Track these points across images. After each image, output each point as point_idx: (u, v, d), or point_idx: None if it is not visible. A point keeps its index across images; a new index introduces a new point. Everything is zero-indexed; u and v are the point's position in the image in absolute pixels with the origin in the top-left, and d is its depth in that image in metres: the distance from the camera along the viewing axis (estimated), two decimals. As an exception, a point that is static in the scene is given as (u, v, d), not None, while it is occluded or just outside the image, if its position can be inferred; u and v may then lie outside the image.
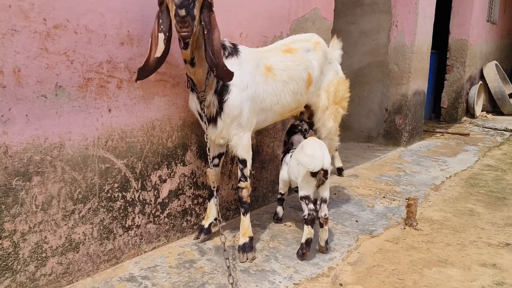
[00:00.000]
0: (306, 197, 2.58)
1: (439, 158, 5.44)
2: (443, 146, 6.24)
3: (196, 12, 2.07)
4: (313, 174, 2.53)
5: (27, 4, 1.85)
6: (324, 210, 2.65)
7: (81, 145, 2.12)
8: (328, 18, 3.81)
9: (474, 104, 8.43)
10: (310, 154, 2.50)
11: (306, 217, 2.57)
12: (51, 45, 1.95)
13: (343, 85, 3.21)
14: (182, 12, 1.97)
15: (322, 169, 2.52)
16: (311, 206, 2.57)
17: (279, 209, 3.15)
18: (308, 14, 3.57)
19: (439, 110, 8.51)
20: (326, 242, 2.70)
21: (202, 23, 2.16)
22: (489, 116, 8.96)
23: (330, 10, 3.82)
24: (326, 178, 2.59)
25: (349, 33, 6.17)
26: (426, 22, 5.94)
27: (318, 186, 2.62)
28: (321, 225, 2.66)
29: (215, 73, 2.22)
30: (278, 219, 3.15)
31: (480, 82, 8.76)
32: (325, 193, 2.65)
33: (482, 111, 9.11)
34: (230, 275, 2.18)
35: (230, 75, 2.26)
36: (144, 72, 2.18)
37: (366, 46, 6.09)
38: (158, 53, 2.13)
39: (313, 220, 2.58)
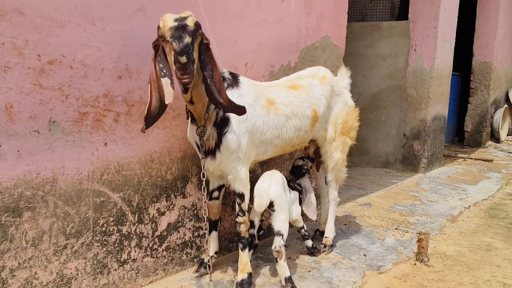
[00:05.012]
0: (251, 222, 2.66)
1: (459, 186, 5.27)
2: (464, 173, 6.04)
3: (195, 55, 2.02)
4: None
5: (21, 41, 1.86)
6: (275, 243, 2.54)
7: (74, 179, 2.11)
8: (340, 45, 3.75)
9: (499, 128, 8.18)
10: (255, 192, 2.55)
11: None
12: (45, 80, 1.95)
13: (352, 115, 3.13)
14: (184, 59, 1.90)
15: None
16: (251, 231, 2.67)
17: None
18: (318, 42, 3.52)
19: (463, 133, 8.29)
20: (287, 280, 2.52)
21: (200, 63, 2.10)
22: (515, 140, 8.69)
23: (341, 37, 3.76)
24: (273, 210, 2.55)
25: (366, 56, 6.09)
26: (446, 46, 5.82)
27: (267, 218, 2.64)
28: (276, 260, 2.56)
29: (223, 111, 2.21)
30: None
31: (506, 105, 8.51)
32: (276, 225, 2.57)
33: (507, 136, 8.83)
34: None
35: (241, 109, 2.21)
36: (149, 119, 2.12)
37: (383, 70, 6.00)
38: (169, 99, 2.05)
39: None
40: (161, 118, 2.42)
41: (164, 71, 2.04)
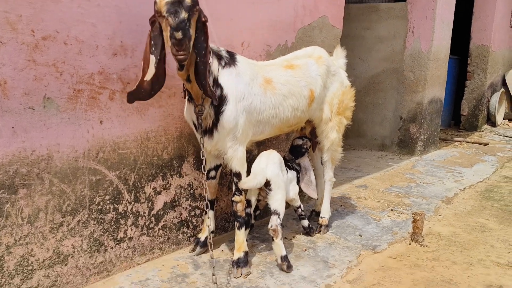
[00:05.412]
0: (247, 201, 2.66)
1: (454, 169, 5.28)
2: (460, 156, 6.06)
3: (192, 32, 1.99)
4: None
5: (15, 16, 1.83)
6: (271, 221, 2.56)
7: (70, 157, 2.10)
8: (337, 26, 3.72)
9: (495, 112, 8.19)
10: (252, 171, 2.55)
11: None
12: (39, 56, 1.93)
13: (348, 94, 3.12)
14: (179, 35, 1.88)
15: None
16: (248, 210, 2.67)
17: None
18: (316, 22, 3.49)
19: (459, 117, 8.29)
20: (283, 259, 2.55)
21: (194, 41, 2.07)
22: (511, 124, 8.69)
23: (339, 18, 3.73)
24: (270, 189, 2.56)
25: (364, 38, 6.05)
26: (443, 29, 5.79)
27: (264, 197, 2.65)
28: (272, 239, 2.58)
29: (203, 93, 2.19)
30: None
31: (502, 89, 8.51)
32: (273, 204, 2.58)
33: (503, 119, 8.84)
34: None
35: (216, 98, 2.21)
36: (139, 94, 2.09)
37: (381, 53, 5.97)
38: (148, 76, 2.05)
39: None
40: (157, 97, 2.40)
41: (153, 48, 2.03)
